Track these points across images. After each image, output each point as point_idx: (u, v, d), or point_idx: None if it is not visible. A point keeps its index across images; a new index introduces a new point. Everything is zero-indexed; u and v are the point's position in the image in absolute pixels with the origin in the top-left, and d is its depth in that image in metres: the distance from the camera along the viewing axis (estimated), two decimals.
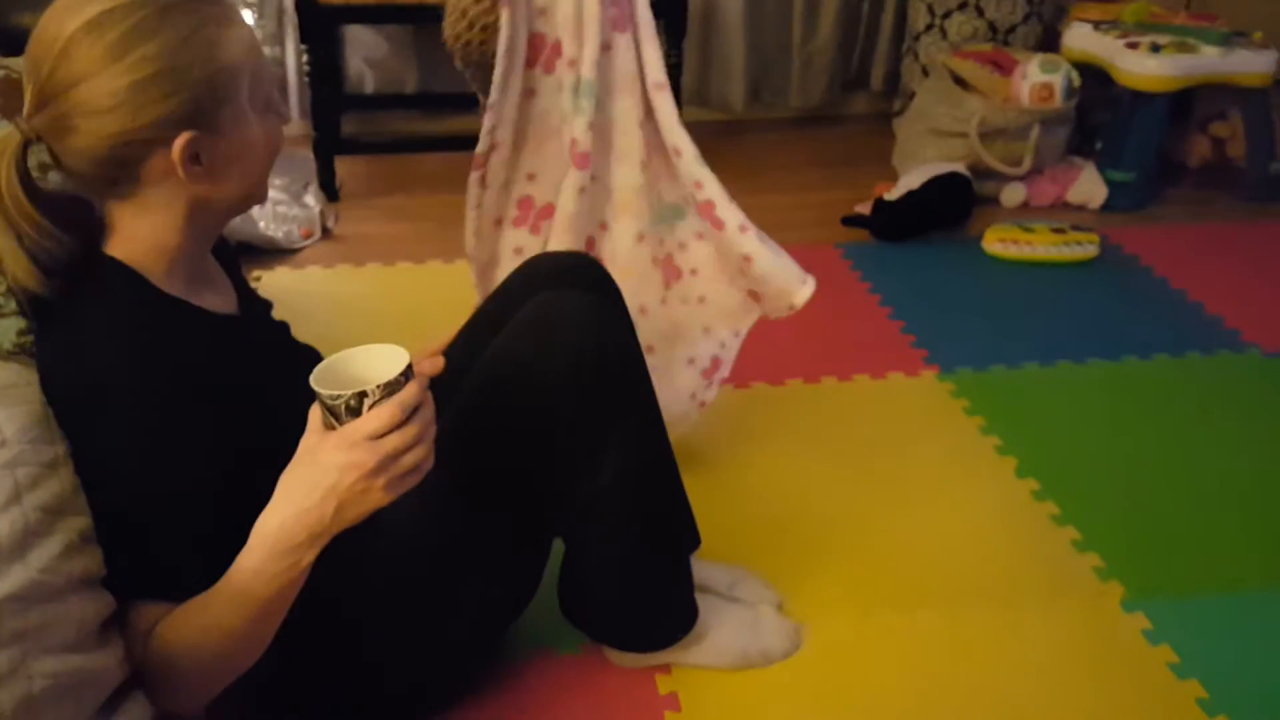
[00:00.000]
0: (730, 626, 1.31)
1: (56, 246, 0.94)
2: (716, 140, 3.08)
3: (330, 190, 2.66)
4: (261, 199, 1.05)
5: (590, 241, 1.55)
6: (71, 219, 0.96)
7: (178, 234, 0.99)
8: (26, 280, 0.93)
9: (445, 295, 1.44)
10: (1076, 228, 2.47)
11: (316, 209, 2.53)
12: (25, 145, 0.93)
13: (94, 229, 0.98)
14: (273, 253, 2.39)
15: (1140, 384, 1.96)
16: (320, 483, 0.88)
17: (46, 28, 0.92)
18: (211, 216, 1.02)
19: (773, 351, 2.02)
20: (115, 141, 0.92)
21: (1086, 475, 1.70)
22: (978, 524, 1.59)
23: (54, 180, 0.98)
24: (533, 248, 1.54)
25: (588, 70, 1.44)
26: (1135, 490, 1.67)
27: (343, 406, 0.87)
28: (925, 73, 2.94)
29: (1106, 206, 2.67)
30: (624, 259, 1.54)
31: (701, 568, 1.37)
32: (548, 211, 1.54)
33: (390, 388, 0.87)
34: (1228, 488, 1.68)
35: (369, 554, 1.05)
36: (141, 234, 0.97)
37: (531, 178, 1.53)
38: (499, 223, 1.56)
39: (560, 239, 1.50)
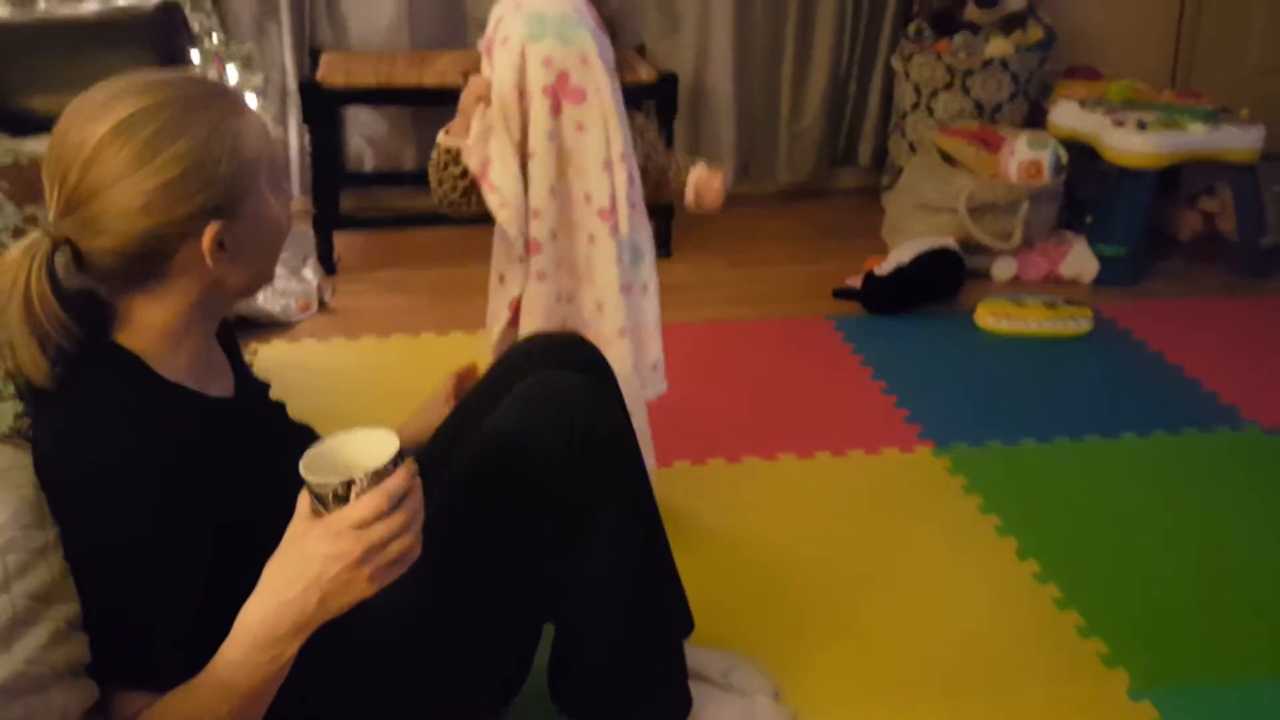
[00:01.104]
0: (725, 717, 1.28)
1: (71, 342, 0.94)
2: (707, 215, 3.12)
3: (328, 264, 2.68)
4: (270, 279, 1.07)
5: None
6: (85, 312, 0.97)
7: (186, 319, 0.99)
8: (36, 376, 0.93)
9: (439, 367, 1.44)
10: (1069, 302, 2.48)
11: (314, 283, 2.54)
12: (54, 248, 0.94)
13: (104, 319, 0.99)
14: (269, 325, 2.40)
15: (1140, 462, 1.94)
16: (304, 573, 0.87)
17: (70, 132, 0.92)
18: (223, 300, 1.03)
19: (765, 426, 2.01)
20: (145, 238, 0.93)
21: (1088, 557, 1.67)
22: (979, 607, 1.56)
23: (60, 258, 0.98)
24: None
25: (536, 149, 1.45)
26: (1138, 573, 1.64)
27: (330, 494, 0.86)
28: (913, 149, 2.98)
29: (1098, 281, 2.69)
30: (593, 327, 1.53)
31: (695, 654, 1.35)
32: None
33: (378, 476, 0.87)
34: (1232, 569, 1.65)
35: (352, 638, 1.03)
36: (154, 322, 0.98)
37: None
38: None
39: (525, 322, 1.51)
